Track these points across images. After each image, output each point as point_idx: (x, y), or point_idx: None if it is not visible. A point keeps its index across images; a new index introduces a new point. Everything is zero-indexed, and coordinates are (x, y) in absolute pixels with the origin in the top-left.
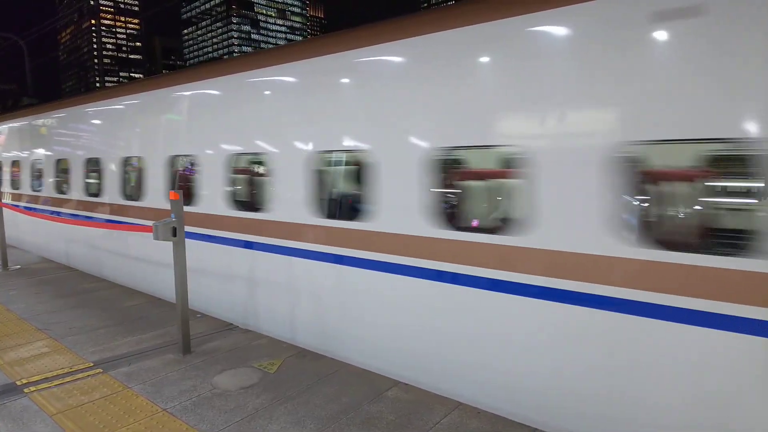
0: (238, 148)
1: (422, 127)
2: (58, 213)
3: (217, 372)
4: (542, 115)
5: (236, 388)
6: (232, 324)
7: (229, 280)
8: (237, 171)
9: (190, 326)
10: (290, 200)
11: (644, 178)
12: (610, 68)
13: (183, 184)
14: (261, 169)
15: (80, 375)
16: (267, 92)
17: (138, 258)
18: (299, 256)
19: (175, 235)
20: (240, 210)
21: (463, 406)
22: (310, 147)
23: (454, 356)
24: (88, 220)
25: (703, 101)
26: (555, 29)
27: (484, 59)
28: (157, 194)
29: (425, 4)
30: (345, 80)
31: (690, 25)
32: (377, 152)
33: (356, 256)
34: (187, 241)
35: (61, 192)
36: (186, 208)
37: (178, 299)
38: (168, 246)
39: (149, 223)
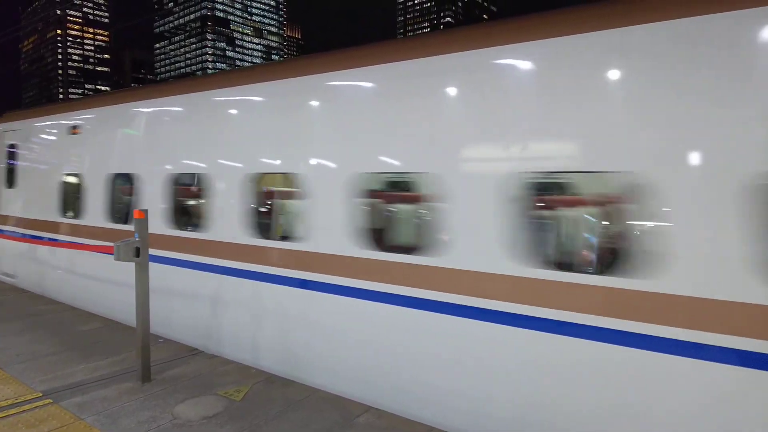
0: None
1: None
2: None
3: (179, 401)
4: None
5: (198, 418)
6: (196, 349)
7: None
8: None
9: (152, 352)
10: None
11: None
12: None
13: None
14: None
15: (27, 406)
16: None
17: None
18: None
19: (138, 255)
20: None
21: (434, 431)
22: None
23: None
24: None
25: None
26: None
27: None
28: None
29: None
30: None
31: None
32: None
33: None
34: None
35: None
36: None
37: (138, 323)
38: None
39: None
